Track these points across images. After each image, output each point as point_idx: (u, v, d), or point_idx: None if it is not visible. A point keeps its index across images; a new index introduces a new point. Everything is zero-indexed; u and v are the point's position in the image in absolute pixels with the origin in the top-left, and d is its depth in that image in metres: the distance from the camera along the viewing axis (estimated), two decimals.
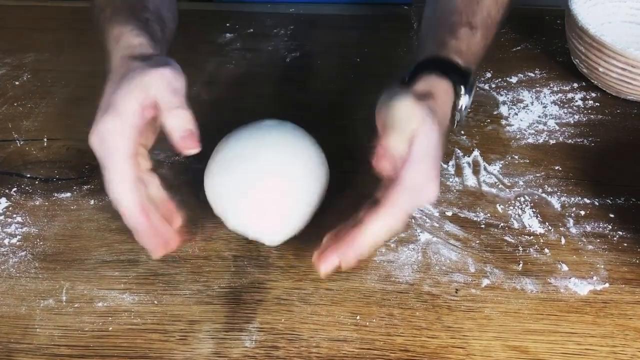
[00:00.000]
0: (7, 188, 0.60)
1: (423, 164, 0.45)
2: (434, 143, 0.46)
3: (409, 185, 0.44)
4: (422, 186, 0.45)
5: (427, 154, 0.45)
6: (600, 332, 0.48)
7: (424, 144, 0.45)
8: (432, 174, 0.46)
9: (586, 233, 0.56)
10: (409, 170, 0.45)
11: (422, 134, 0.45)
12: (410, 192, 0.45)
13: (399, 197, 0.44)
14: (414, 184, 0.45)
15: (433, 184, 0.46)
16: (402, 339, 0.48)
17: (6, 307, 0.50)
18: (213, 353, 0.47)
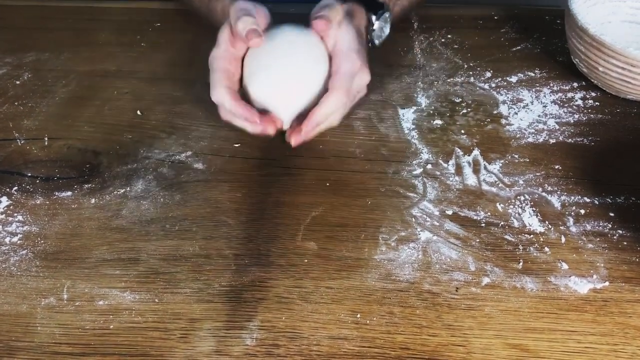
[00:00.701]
0: (8, 187, 0.60)
1: (350, 55, 0.60)
2: (353, 38, 0.62)
3: (342, 71, 0.59)
4: (355, 71, 0.60)
5: (350, 47, 0.61)
6: (600, 330, 0.48)
7: (345, 39, 0.61)
8: (359, 62, 0.61)
9: (586, 232, 0.56)
10: (340, 61, 0.60)
11: (343, 32, 0.62)
12: (345, 76, 0.59)
13: (337, 80, 0.59)
14: (346, 70, 0.60)
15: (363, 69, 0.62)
16: (403, 337, 0.48)
17: (7, 305, 0.50)
18: (214, 351, 0.47)
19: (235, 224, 0.56)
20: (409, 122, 0.68)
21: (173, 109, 0.70)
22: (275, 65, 0.61)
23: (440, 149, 0.65)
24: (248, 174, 0.62)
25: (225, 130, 0.67)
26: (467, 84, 0.74)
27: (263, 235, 0.56)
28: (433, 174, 0.62)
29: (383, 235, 0.55)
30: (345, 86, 0.59)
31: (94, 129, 0.67)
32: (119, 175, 0.62)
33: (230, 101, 0.58)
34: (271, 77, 0.61)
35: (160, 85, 0.74)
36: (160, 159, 0.63)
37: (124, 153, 0.64)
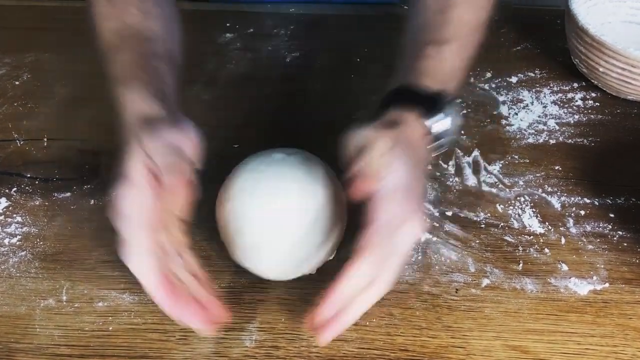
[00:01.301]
0: (7, 188, 0.60)
1: (394, 199, 0.42)
2: (404, 175, 0.43)
3: (380, 224, 0.41)
4: (399, 223, 0.42)
5: (397, 188, 0.42)
6: (600, 331, 0.48)
7: (392, 177, 0.43)
8: (407, 207, 0.43)
9: (586, 233, 0.56)
10: (379, 208, 0.42)
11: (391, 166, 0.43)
12: (384, 232, 0.41)
13: (372, 240, 0.41)
14: (386, 222, 0.41)
15: (413, 218, 0.43)
16: (402, 338, 0.48)
17: (6, 306, 0.50)
18: (213, 353, 0.47)
19: None
20: None
21: None
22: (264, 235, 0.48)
23: None
24: None
25: (224, 131, 0.67)
26: (467, 84, 0.74)
27: None
28: (433, 174, 0.62)
29: None
30: (382, 242, 0.41)
31: (93, 130, 0.67)
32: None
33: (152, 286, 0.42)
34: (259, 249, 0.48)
35: None
36: None
37: None
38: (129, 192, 0.42)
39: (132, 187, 0.42)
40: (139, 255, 0.42)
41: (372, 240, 0.41)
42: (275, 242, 0.48)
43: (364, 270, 0.41)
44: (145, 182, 0.41)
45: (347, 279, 0.41)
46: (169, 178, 0.42)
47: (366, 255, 0.41)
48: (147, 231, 0.41)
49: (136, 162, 0.42)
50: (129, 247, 0.42)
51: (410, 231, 0.43)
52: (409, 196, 0.43)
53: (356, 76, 0.76)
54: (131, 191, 0.42)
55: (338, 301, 0.41)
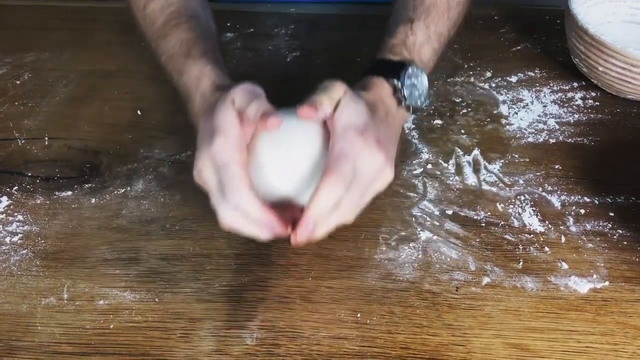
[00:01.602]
0: (9, 187, 0.60)
1: (345, 133, 0.47)
2: (355, 114, 0.48)
3: (333, 153, 0.46)
4: (353, 152, 0.46)
5: (348, 124, 0.47)
6: (600, 330, 0.48)
7: (342, 117, 0.48)
8: (358, 140, 0.47)
9: (586, 231, 0.56)
10: (332, 142, 0.47)
11: (344, 106, 0.49)
12: (336, 158, 0.46)
13: (333, 165, 0.45)
14: (338, 151, 0.46)
15: (370, 150, 0.47)
16: (403, 336, 0.48)
17: (8, 305, 0.50)
18: (214, 351, 0.47)
19: None
20: (409, 121, 0.68)
21: (173, 108, 0.70)
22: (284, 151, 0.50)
23: (440, 148, 0.65)
24: None
25: None
26: (467, 84, 0.74)
27: None
28: (433, 173, 0.62)
29: (383, 235, 0.55)
30: (338, 169, 0.45)
31: (94, 128, 0.67)
32: (119, 175, 0.62)
33: (259, 208, 0.45)
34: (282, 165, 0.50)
35: (160, 85, 0.74)
36: (161, 158, 0.63)
37: (124, 153, 0.64)
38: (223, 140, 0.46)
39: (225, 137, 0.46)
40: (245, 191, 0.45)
41: (330, 166, 0.45)
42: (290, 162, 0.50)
43: (326, 192, 0.45)
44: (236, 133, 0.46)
45: (316, 200, 0.45)
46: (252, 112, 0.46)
47: (327, 179, 0.45)
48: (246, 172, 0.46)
49: (227, 115, 0.47)
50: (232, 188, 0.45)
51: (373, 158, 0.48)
52: (362, 132, 0.48)
53: (356, 76, 0.76)
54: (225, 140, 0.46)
55: (309, 218, 0.45)
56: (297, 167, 0.50)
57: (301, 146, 0.50)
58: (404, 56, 0.58)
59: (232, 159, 0.46)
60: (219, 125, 0.47)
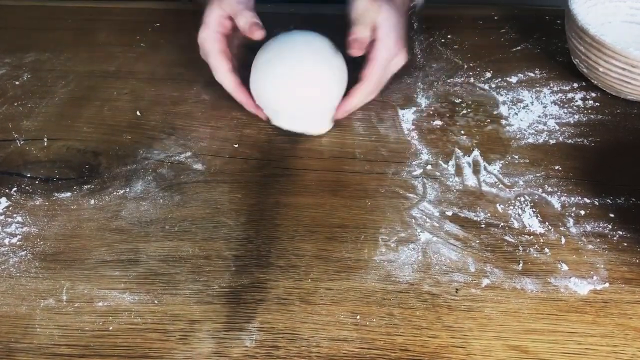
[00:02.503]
0: (7, 188, 0.60)
1: (388, 42, 0.62)
2: (394, 23, 0.63)
3: (379, 61, 0.63)
4: (391, 58, 0.64)
5: (389, 34, 0.62)
6: (600, 331, 0.48)
7: (385, 27, 0.62)
8: (397, 47, 0.64)
9: (586, 233, 0.56)
10: (377, 50, 0.62)
11: (383, 20, 0.62)
12: (380, 66, 0.63)
13: (372, 72, 0.63)
14: (383, 58, 0.63)
15: (400, 53, 0.65)
16: (403, 338, 0.48)
17: (6, 306, 0.50)
18: (213, 353, 0.47)
19: (234, 225, 0.56)
20: (408, 122, 0.68)
21: (172, 109, 0.70)
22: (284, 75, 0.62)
23: (440, 149, 0.65)
24: (247, 174, 0.62)
25: (224, 131, 0.67)
26: (467, 84, 0.74)
27: (262, 236, 0.55)
28: (433, 174, 0.62)
29: (383, 236, 0.55)
30: (377, 76, 0.63)
31: (93, 129, 0.67)
32: (119, 176, 0.62)
33: (232, 87, 0.65)
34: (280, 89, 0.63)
35: (160, 85, 0.74)
36: (160, 159, 0.63)
37: (123, 154, 0.64)
38: (205, 32, 0.65)
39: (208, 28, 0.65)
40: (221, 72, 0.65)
41: (373, 72, 0.63)
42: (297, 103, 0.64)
43: (365, 93, 0.65)
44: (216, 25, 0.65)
45: (352, 99, 0.64)
46: (242, 21, 0.64)
47: (367, 83, 0.64)
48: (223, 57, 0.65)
49: (213, 13, 0.64)
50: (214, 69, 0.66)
51: (399, 61, 0.66)
52: (397, 38, 0.64)
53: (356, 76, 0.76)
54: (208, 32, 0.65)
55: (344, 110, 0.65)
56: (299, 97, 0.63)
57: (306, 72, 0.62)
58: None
59: (214, 48, 0.64)
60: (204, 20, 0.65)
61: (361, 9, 0.63)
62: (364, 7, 0.63)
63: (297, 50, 0.63)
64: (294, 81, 0.62)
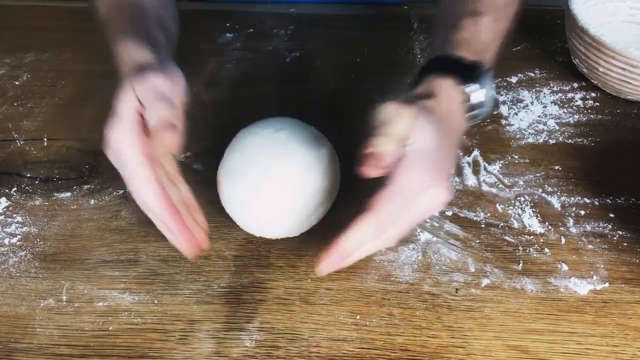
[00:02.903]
0: (7, 188, 0.60)
1: (418, 165, 0.43)
2: (431, 142, 0.44)
3: (398, 188, 0.42)
4: (419, 190, 0.43)
5: (423, 154, 0.43)
6: (600, 331, 0.48)
7: (417, 143, 0.43)
8: (432, 176, 0.43)
9: (586, 233, 0.56)
10: (400, 171, 0.43)
11: (416, 133, 0.43)
12: (400, 195, 0.42)
13: (385, 201, 0.42)
14: (405, 186, 0.42)
15: (438, 187, 0.43)
16: (403, 338, 0.48)
17: (6, 306, 0.50)
18: (213, 353, 0.47)
19: (234, 225, 0.56)
20: None
21: None
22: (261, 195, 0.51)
23: None
24: None
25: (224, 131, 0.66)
26: None
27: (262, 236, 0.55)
28: None
29: None
30: (390, 210, 0.42)
31: (93, 129, 0.67)
32: (118, 176, 0.61)
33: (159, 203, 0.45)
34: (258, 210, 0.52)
35: None
36: None
37: None
38: (118, 129, 0.45)
39: (121, 124, 0.45)
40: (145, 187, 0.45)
41: (385, 200, 0.42)
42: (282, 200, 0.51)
43: (370, 227, 0.42)
44: (132, 120, 0.45)
45: (353, 232, 0.43)
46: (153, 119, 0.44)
47: (375, 213, 0.42)
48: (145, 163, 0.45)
49: (126, 102, 0.45)
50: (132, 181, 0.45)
51: (435, 197, 0.44)
52: (436, 164, 0.44)
53: (356, 76, 0.76)
54: (120, 128, 0.45)
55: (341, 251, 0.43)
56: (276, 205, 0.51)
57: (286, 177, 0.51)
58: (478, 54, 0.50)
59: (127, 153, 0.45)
60: (116, 111, 0.46)
61: (388, 116, 0.44)
62: (392, 114, 0.44)
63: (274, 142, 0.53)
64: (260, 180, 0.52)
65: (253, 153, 0.53)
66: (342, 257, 0.44)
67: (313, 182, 0.52)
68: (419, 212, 0.45)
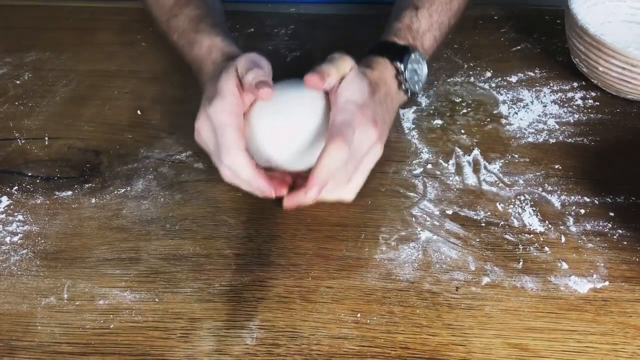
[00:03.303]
0: (9, 187, 0.60)
1: (346, 107, 0.51)
2: (357, 91, 0.52)
3: (336, 122, 0.49)
4: (353, 124, 0.50)
5: (349, 99, 0.51)
6: (600, 330, 0.48)
7: (345, 92, 0.51)
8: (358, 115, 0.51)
9: (586, 231, 0.56)
10: (334, 114, 0.50)
11: (345, 84, 0.52)
12: (339, 126, 0.49)
13: (331, 130, 0.49)
14: (340, 121, 0.49)
15: (367, 125, 0.52)
16: (403, 336, 0.48)
17: (8, 304, 0.50)
18: (214, 350, 0.47)
19: (235, 224, 0.56)
20: (409, 121, 0.68)
21: (173, 108, 0.70)
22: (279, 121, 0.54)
23: (440, 148, 0.65)
24: None
25: None
26: (467, 84, 0.74)
27: (263, 234, 0.56)
28: (433, 173, 0.62)
29: (383, 235, 0.55)
30: (343, 135, 0.48)
31: (94, 128, 0.68)
32: (119, 175, 0.62)
33: (249, 171, 0.50)
34: (276, 133, 0.54)
35: (160, 85, 0.74)
36: (161, 158, 0.63)
37: (124, 153, 0.64)
38: (221, 105, 0.51)
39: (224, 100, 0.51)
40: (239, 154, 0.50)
41: (335, 131, 0.49)
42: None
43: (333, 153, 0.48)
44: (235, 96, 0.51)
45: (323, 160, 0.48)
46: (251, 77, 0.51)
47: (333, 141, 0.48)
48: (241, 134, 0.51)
49: (229, 80, 0.52)
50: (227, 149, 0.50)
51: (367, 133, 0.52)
52: (362, 108, 0.52)
53: None
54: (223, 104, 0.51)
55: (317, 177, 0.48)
56: (291, 137, 0.54)
57: (297, 117, 0.54)
58: (408, 41, 0.63)
59: (227, 122, 0.50)
60: (219, 90, 0.51)
61: (337, 56, 0.54)
62: (340, 56, 0.54)
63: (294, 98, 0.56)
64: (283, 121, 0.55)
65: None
66: (317, 186, 0.48)
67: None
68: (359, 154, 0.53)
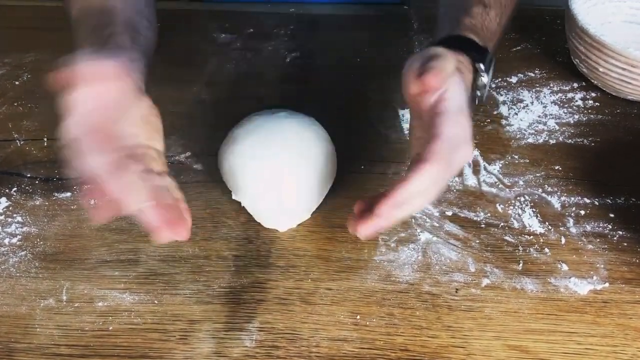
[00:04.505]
0: (8, 188, 0.60)
1: (458, 118, 0.44)
2: (463, 97, 0.45)
3: (448, 137, 0.42)
4: (460, 141, 0.43)
5: (461, 108, 0.44)
6: (600, 331, 0.48)
7: (456, 98, 0.44)
8: (467, 130, 0.44)
9: (586, 233, 0.56)
10: (444, 123, 0.43)
11: (453, 88, 0.44)
12: (447, 143, 0.42)
13: (436, 147, 0.42)
14: (452, 136, 0.42)
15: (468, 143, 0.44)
16: (403, 338, 0.48)
17: (6, 306, 0.50)
18: (213, 352, 0.47)
19: (234, 225, 0.56)
20: (409, 122, 0.68)
21: (172, 109, 0.70)
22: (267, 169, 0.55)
23: None
24: None
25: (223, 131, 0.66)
26: None
27: (262, 236, 0.55)
28: None
29: (383, 236, 0.55)
30: (446, 156, 0.42)
31: None
32: None
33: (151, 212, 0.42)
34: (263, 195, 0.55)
35: (160, 85, 0.73)
36: None
37: None
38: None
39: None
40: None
41: (440, 150, 0.42)
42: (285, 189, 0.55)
43: (429, 175, 0.42)
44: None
45: (415, 181, 0.41)
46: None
47: (434, 163, 0.41)
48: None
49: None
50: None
51: (467, 153, 0.44)
52: (466, 120, 0.44)
53: (356, 76, 0.76)
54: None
55: (396, 200, 0.42)
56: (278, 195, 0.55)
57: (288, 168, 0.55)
58: (485, 43, 0.53)
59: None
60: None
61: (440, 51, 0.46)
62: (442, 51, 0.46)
63: (278, 133, 0.57)
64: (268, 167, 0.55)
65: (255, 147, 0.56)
66: (393, 209, 0.42)
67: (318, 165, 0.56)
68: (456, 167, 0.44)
